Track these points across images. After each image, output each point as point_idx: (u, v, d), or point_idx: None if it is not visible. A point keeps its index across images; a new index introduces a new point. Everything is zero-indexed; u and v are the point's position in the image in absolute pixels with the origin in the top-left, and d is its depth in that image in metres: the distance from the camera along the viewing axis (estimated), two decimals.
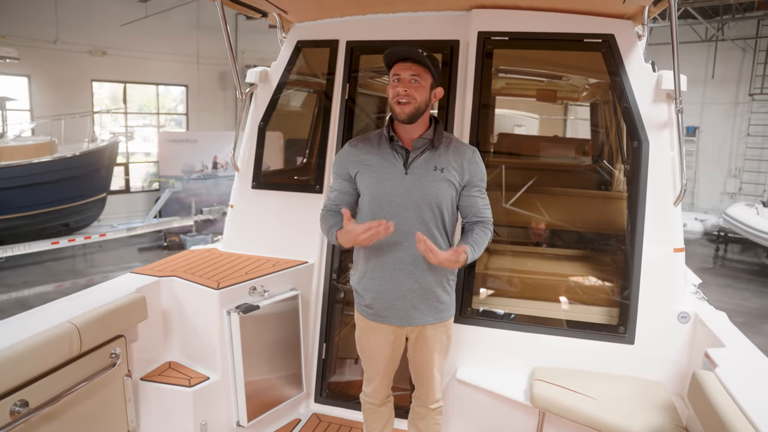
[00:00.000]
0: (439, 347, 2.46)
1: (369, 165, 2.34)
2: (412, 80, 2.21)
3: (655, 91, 2.82)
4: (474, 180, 2.36)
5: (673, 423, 2.35)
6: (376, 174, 2.32)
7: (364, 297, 2.42)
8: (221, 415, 2.88)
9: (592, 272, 3.30)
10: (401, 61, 2.23)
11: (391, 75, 2.25)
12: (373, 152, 2.35)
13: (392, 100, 2.24)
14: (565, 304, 3.13)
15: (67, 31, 13.39)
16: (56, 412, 2.18)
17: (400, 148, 2.32)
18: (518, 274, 3.43)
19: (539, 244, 3.57)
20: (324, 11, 3.26)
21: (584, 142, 4.80)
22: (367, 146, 2.38)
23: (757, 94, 15.10)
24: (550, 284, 3.26)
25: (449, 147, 2.35)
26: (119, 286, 2.75)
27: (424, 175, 2.28)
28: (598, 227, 3.48)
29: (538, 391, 2.61)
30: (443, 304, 2.40)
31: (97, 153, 12.22)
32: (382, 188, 2.30)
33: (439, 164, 2.29)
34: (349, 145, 2.44)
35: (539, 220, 3.46)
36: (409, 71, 2.21)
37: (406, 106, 2.21)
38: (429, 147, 2.32)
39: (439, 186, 2.28)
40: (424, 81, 2.23)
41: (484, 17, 3.00)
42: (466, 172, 2.33)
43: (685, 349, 2.79)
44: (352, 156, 2.39)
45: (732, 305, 9.58)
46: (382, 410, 2.63)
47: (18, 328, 2.18)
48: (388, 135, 2.32)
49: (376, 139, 2.38)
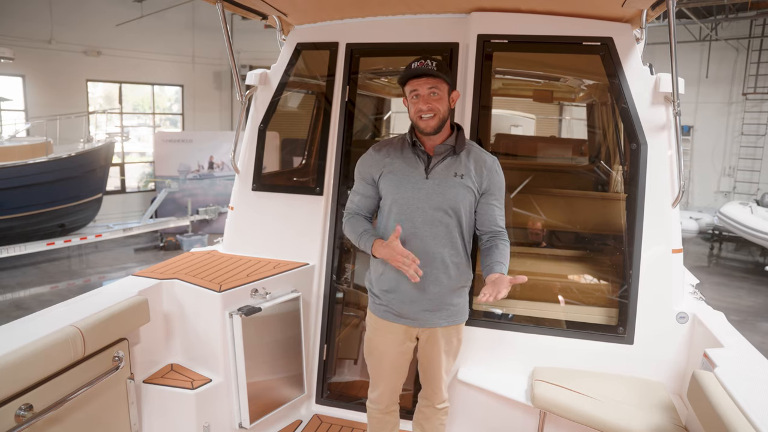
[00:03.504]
0: (448, 349, 2.48)
1: (392, 169, 2.36)
2: (431, 94, 2.25)
3: (653, 93, 2.85)
4: (492, 189, 2.38)
5: (672, 422, 2.38)
6: (398, 178, 2.35)
7: (379, 296, 2.44)
8: (224, 417, 2.89)
9: (591, 273, 3.32)
10: (416, 78, 2.25)
11: (409, 91, 2.28)
12: (396, 156, 2.38)
13: (415, 116, 2.27)
14: (564, 305, 3.16)
15: (62, 31, 13.35)
16: (60, 415, 2.18)
17: (423, 153, 2.35)
18: (518, 275, 3.44)
19: (537, 245, 3.59)
20: (324, 14, 3.27)
21: (581, 142, 4.82)
22: (390, 150, 2.41)
23: (750, 94, 15.21)
24: (550, 285, 3.28)
25: (470, 154, 2.38)
26: (121, 290, 2.75)
27: (444, 181, 2.31)
28: (596, 228, 3.50)
29: (539, 391, 2.63)
30: (456, 307, 2.43)
31: (92, 153, 12.18)
32: (404, 192, 2.33)
33: (459, 170, 2.33)
34: (373, 149, 2.47)
35: (536, 220, 3.48)
36: (426, 85, 2.24)
37: (431, 121, 2.26)
38: (451, 153, 2.35)
39: (459, 191, 2.31)
40: (442, 91, 2.27)
41: (484, 20, 3.01)
42: (485, 179, 2.36)
43: (684, 349, 2.82)
44: (376, 160, 2.42)
45: (727, 303, 9.65)
46: (387, 419, 2.62)
47: (22, 332, 2.18)
48: (411, 140, 2.36)
49: (399, 143, 2.42)
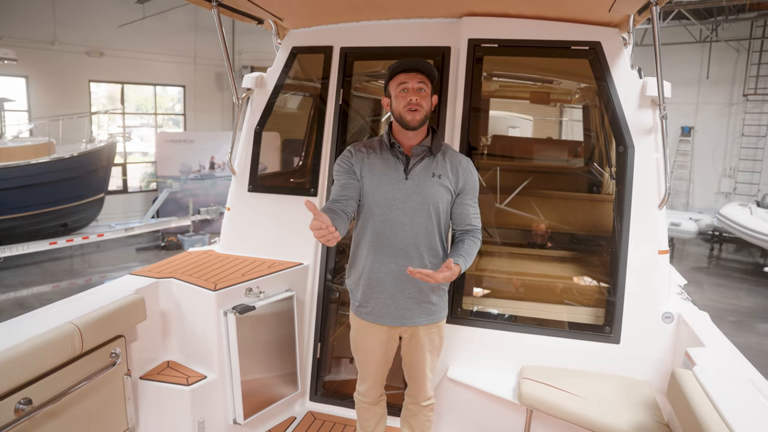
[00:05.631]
0: (430, 347, 2.53)
1: (371, 168, 2.40)
2: (419, 89, 2.30)
3: (640, 97, 2.88)
4: (467, 188, 2.44)
5: (654, 420, 2.43)
6: (378, 178, 2.38)
7: (358, 298, 2.50)
8: (218, 413, 2.95)
9: (580, 274, 3.36)
10: (406, 71, 2.31)
11: (396, 85, 2.31)
12: (375, 157, 2.42)
13: (403, 108, 2.30)
14: (553, 305, 3.20)
15: (65, 33, 13.43)
16: (58, 410, 2.24)
17: (401, 154, 2.39)
18: (508, 275, 3.50)
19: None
20: (318, 18, 3.34)
21: (576, 144, 4.86)
22: (370, 150, 2.44)
23: (751, 95, 15.21)
24: (539, 285, 3.33)
25: (446, 155, 2.44)
26: (119, 288, 2.82)
27: (423, 181, 2.36)
28: (585, 229, 3.55)
29: (526, 389, 2.68)
30: (435, 306, 2.48)
31: (94, 153, 12.26)
32: (384, 192, 2.37)
33: (437, 171, 2.38)
34: (353, 148, 2.48)
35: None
36: (415, 80, 2.29)
37: (417, 114, 2.30)
38: (428, 154, 2.40)
39: (437, 191, 2.37)
40: (428, 90, 2.34)
41: (474, 24, 3.06)
42: (460, 179, 2.41)
43: (669, 349, 2.86)
44: (356, 156, 2.43)
45: (725, 304, 9.66)
46: (375, 409, 2.71)
47: (21, 328, 2.24)
48: (389, 142, 2.40)
49: (377, 145, 2.46)
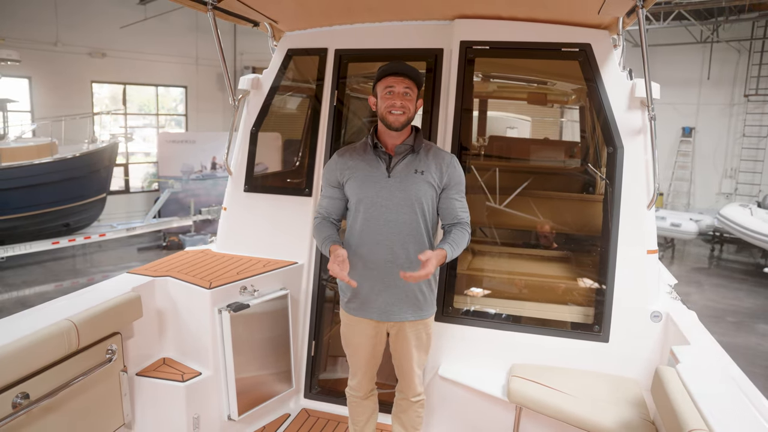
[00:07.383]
0: (417, 344, 2.58)
1: (355, 172, 2.48)
2: (405, 93, 2.37)
3: (629, 98, 2.92)
4: (452, 183, 2.50)
5: (641, 417, 2.46)
6: (361, 178, 2.47)
7: (346, 293, 2.56)
8: (213, 409, 2.99)
9: (570, 273, 3.40)
10: (393, 75, 2.37)
11: (383, 87, 2.39)
12: (358, 160, 2.50)
13: (385, 110, 2.38)
14: (543, 304, 3.24)
15: (68, 34, 13.51)
16: (55, 404, 2.29)
17: (384, 154, 2.47)
18: (498, 274, 3.54)
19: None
20: (313, 21, 3.38)
21: (573, 144, 4.89)
22: (353, 154, 2.53)
23: (752, 95, 15.19)
24: (529, 284, 3.37)
25: (429, 152, 2.50)
26: (116, 286, 2.87)
27: (406, 178, 2.43)
28: (576, 229, 3.58)
29: (515, 387, 2.72)
30: (423, 302, 2.53)
31: (97, 154, 12.34)
32: (367, 191, 2.44)
33: (420, 167, 2.45)
34: (337, 155, 2.59)
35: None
36: (402, 84, 2.37)
37: (401, 116, 2.38)
38: (410, 152, 2.47)
39: (420, 187, 2.43)
40: (413, 94, 2.40)
41: (466, 27, 3.11)
42: (444, 175, 2.48)
43: (657, 347, 2.90)
44: (339, 164, 2.54)
45: (726, 305, 9.67)
46: (366, 404, 2.76)
47: (19, 324, 2.29)
48: (372, 143, 2.47)
49: (362, 147, 2.54)
